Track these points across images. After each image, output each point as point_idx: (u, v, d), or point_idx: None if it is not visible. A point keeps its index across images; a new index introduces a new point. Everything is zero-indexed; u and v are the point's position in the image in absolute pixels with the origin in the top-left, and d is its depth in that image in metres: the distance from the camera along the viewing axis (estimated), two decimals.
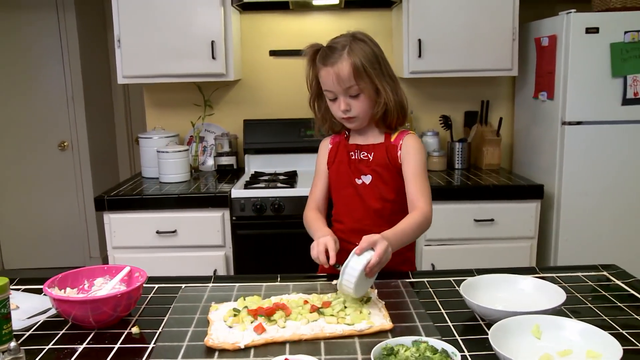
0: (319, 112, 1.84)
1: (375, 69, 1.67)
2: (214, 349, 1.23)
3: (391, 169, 1.76)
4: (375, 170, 1.77)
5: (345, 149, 1.83)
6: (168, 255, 2.87)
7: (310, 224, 1.77)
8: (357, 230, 1.77)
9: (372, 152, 1.78)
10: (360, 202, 1.79)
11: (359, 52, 1.65)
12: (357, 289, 1.39)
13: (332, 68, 1.65)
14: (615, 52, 2.79)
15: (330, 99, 1.73)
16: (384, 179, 1.77)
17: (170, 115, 3.55)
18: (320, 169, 1.90)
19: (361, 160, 1.80)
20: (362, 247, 1.40)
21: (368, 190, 1.78)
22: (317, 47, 1.73)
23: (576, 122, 2.88)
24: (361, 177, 1.79)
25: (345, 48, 1.65)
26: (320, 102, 1.82)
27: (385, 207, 1.77)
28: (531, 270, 1.69)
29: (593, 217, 2.94)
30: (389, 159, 1.76)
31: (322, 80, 1.71)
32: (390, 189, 1.77)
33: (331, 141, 1.90)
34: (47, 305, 1.48)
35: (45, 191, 4.81)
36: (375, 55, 1.69)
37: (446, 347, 1.13)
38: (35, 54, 4.62)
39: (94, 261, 4.86)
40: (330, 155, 1.87)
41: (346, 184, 1.81)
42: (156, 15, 3.01)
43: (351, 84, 1.65)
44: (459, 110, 3.55)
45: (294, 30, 3.47)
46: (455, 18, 3.05)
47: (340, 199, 1.85)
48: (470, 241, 2.92)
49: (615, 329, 1.29)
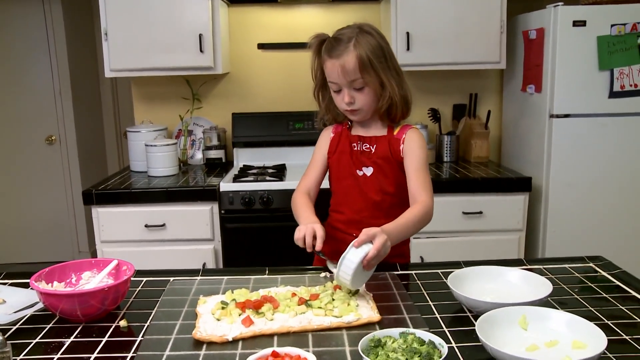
0: (322, 102, 1.83)
1: (381, 62, 1.66)
2: (202, 341, 1.23)
3: (392, 162, 1.76)
4: (376, 162, 1.77)
5: (348, 140, 1.82)
6: (157, 249, 2.86)
7: (299, 208, 1.74)
8: (355, 221, 1.78)
9: (374, 145, 1.78)
10: (360, 194, 1.79)
11: (365, 45, 1.63)
12: (353, 281, 1.39)
13: (337, 60, 1.63)
14: (602, 45, 2.80)
15: (334, 91, 1.72)
16: (385, 172, 1.76)
17: (159, 108, 3.53)
18: (317, 157, 1.88)
19: (363, 151, 1.79)
20: (361, 239, 1.40)
21: (368, 182, 1.78)
22: (323, 38, 1.71)
23: (564, 115, 2.90)
24: (362, 169, 1.78)
25: (352, 40, 1.63)
26: (325, 92, 1.80)
27: (384, 200, 1.77)
28: (518, 262, 1.70)
29: (580, 209, 2.96)
30: (391, 152, 1.76)
31: (327, 72, 1.69)
32: (391, 182, 1.77)
33: (333, 130, 1.88)
34: (34, 299, 1.47)
35: (33, 185, 4.78)
36: (382, 48, 1.67)
37: (433, 339, 1.13)
38: (22, 47, 4.58)
39: (82, 255, 4.84)
40: (332, 144, 1.85)
41: (347, 174, 1.81)
42: (143, 8, 2.99)
43: (356, 77, 1.64)
44: (447, 103, 3.56)
45: (282, 23, 3.46)
46: (443, 11, 3.05)
47: (340, 189, 1.85)
48: (459, 234, 2.93)
49: (601, 320, 1.30)
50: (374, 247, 1.39)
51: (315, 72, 1.77)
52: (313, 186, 1.86)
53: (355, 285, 1.41)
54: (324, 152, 1.87)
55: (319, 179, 1.87)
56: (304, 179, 1.87)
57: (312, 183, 1.86)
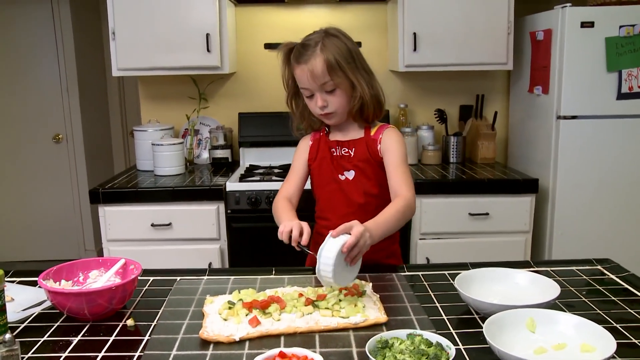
0: (296, 110, 1.83)
1: (349, 63, 1.67)
2: (208, 341, 1.23)
3: (373, 163, 1.77)
4: (357, 165, 1.77)
5: (327, 145, 1.83)
6: (163, 248, 2.87)
7: (281, 211, 1.71)
8: None
9: (352, 148, 1.78)
10: (344, 198, 1.79)
11: (332, 48, 1.65)
12: (336, 276, 1.34)
13: (306, 65, 1.65)
14: (610, 47, 2.79)
15: (307, 97, 1.72)
16: (366, 174, 1.77)
17: (165, 108, 3.53)
18: (296, 165, 1.88)
19: (342, 156, 1.80)
20: (339, 230, 1.38)
21: (351, 186, 1.78)
22: (290, 46, 1.73)
23: (571, 116, 2.89)
24: (344, 173, 1.79)
25: (318, 45, 1.66)
26: (298, 100, 1.81)
27: (369, 202, 1.77)
28: (526, 264, 1.70)
29: (588, 211, 2.95)
30: (369, 153, 1.76)
31: (297, 79, 1.71)
32: (373, 183, 1.77)
33: (311, 138, 1.88)
34: (42, 297, 1.47)
35: (40, 184, 4.80)
36: (349, 50, 1.69)
37: (441, 341, 1.13)
38: (30, 46, 4.60)
39: (88, 254, 4.86)
40: (311, 152, 1.86)
41: (329, 180, 1.81)
42: (151, 8, 3.00)
43: (325, 80, 1.65)
44: (454, 104, 3.55)
45: (289, 23, 3.46)
46: (450, 12, 3.04)
47: (323, 195, 1.85)
48: (465, 235, 2.92)
49: (609, 323, 1.29)
50: (353, 235, 1.36)
51: (287, 81, 1.78)
52: (294, 192, 1.84)
53: (338, 281, 1.36)
54: (304, 159, 1.87)
55: (300, 185, 1.86)
56: (285, 185, 1.86)
57: (293, 189, 1.84)
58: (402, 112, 3.46)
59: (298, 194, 1.86)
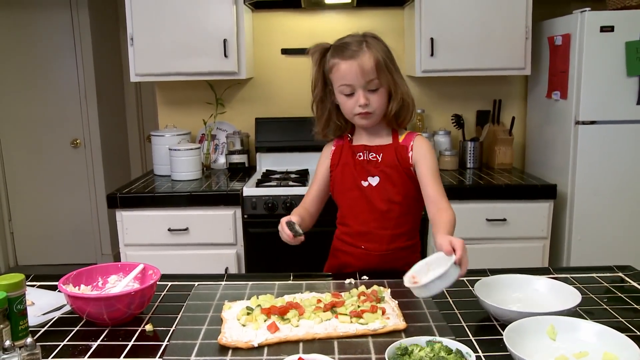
0: (322, 115, 1.80)
1: (393, 64, 1.69)
2: (227, 347, 1.23)
3: (400, 170, 1.73)
4: (384, 171, 1.74)
5: (350, 150, 1.80)
6: (180, 253, 2.88)
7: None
8: (363, 232, 1.77)
9: (380, 153, 1.75)
10: (367, 204, 1.76)
11: (377, 47, 1.66)
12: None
13: (355, 61, 1.63)
14: (630, 51, 2.76)
15: (346, 94, 1.68)
16: (392, 180, 1.74)
17: (182, 113, 3.55)
18: (318, 173, 1.87)
19: (370, 161, 1.76)
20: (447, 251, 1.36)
21: (375, 192, 1.75)
22: (326, 46, 1.72)
23: (590, 121, 2.86)
24: (367, 179, 1.75)
25: (363, 43, 1.66)
26: (324, 105, 1.78)
27: (392, 209, 1.74)
28: (545, 271, 1.68)
29: (606, 218, 2.92)
30: (398, 160, 1.73)
31: (339, 74, 1.66)
32: (398, 190, 1.74)
33: (334, 144, 1.86)
34: (62, 301, 1.48)
35: (57, 188, 4.84)
36: (390, 52, 1.71)
37: (460, 348, 1.12)
38: (49, 51, 4.65)
39: (105, 258, 4.89)
40: (334, 157, 1.83)
41: (351, 186, 1.78)
42: (169, 14, 3.02)
43: (372, 77, 1.64)
44: (471, 109, 3.53)
45: (305, 28, 3.47)
46: (467, 16, 3.03)
47: (345, 202, 1.82)
48: (483, 241, 2.90)
49: (631, 331, 1.28)
50: (461, 256, 1.35)
51: (315, 83, 1.76)
52: (313, 202, 1.85)
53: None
54: (326, 166, 1.85)
55: (317, 195, 1.85)
56: (305, 195, 1.87)
57: (311, 199, 1.85)
58: (419, 117, 3.45)
59: (317, 203, 1.85)
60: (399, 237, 1.77)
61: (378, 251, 1.76)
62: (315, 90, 1.77)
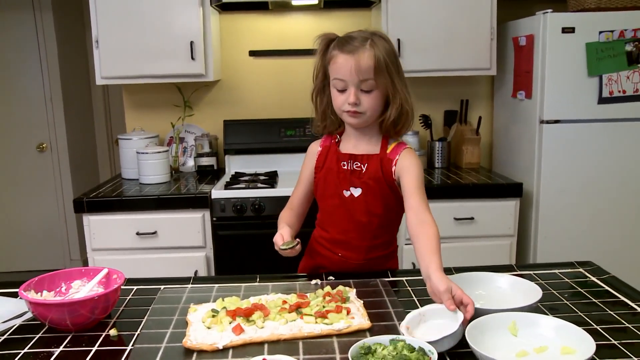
0: (320, 107, 1.74)
1: (395, 67, 1.61)
2: (192, 350, 1.23)
3: (383, 182, 1.67)
4: (367, 183, 1.68)
5: (336, 156, 1.74)
6: (148, 257, 2.85)
7: (279, 222, 1.78)
8: (341, 241, 1.75)
9: (365, 163, 1.69)
10: (347, 214, 1.72)
11: (382, 47, 1.58)
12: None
13: (352, 56, 1.56)
14: (590, 52, 2.82)
15: (338, 89, 1.62)
16: (374, 193, 1.68)
17: (150, 116, 3.52)
18: (304, 173, 1.83)
19: (354, 171, 1.70)
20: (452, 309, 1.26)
21: (356, 204, 1.70)
22: (332, 37, 1.65)
23: (554, 120, 2.91)
24: (350, 189, 1.70)
25: (368, 40, 1.58)
26: (323, 97, 1.72)
27: (372, 222, 1.71)
28: (509, 268, 1.71)
29: (571, 215, 2.98)
30: (382, 172, 1.67)
31: (335, 67, 1.60)
32: (379, 203, 1.69)
33: (321, 144, 1.80)
34: (23, 308, 1.46)
35: (24, 193, 4.76)
36: (395, 55, 1.63)
37: (423, 346, 1.13)
38: (12, 54, 4.56)
39: (74, 264, 4.81)
40: (319, 160, 1.78)
41: (332, 193, 1.73)
42: (135, 16, 2.99)
43: (368, 77, 1.57)
44: (438, 109, 3.57)
45: (273, 30, 3.47)
46: (433, 18, 3.07)
47: (325, 208, 1.79)
48: (451, 239, 2.93)
49: (590, 325, 1.30)
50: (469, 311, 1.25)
51: (317, 73, 1.70)
52: (298, 204, 1.83)
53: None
54: (310, 167, 1.80)
55: (304, 195, 1.83)
56: (292, 196, 1.85)
57: (299, 200, 1.83)
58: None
59: (303, 203, 1.84)
60: (376, 248, 1.75)
61: (355, 260, 1.74)
62: (316, 80, 1.72)
